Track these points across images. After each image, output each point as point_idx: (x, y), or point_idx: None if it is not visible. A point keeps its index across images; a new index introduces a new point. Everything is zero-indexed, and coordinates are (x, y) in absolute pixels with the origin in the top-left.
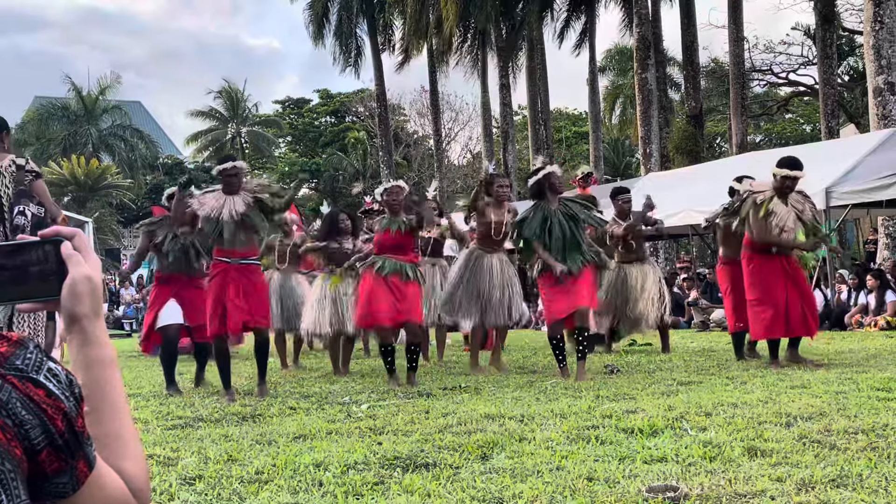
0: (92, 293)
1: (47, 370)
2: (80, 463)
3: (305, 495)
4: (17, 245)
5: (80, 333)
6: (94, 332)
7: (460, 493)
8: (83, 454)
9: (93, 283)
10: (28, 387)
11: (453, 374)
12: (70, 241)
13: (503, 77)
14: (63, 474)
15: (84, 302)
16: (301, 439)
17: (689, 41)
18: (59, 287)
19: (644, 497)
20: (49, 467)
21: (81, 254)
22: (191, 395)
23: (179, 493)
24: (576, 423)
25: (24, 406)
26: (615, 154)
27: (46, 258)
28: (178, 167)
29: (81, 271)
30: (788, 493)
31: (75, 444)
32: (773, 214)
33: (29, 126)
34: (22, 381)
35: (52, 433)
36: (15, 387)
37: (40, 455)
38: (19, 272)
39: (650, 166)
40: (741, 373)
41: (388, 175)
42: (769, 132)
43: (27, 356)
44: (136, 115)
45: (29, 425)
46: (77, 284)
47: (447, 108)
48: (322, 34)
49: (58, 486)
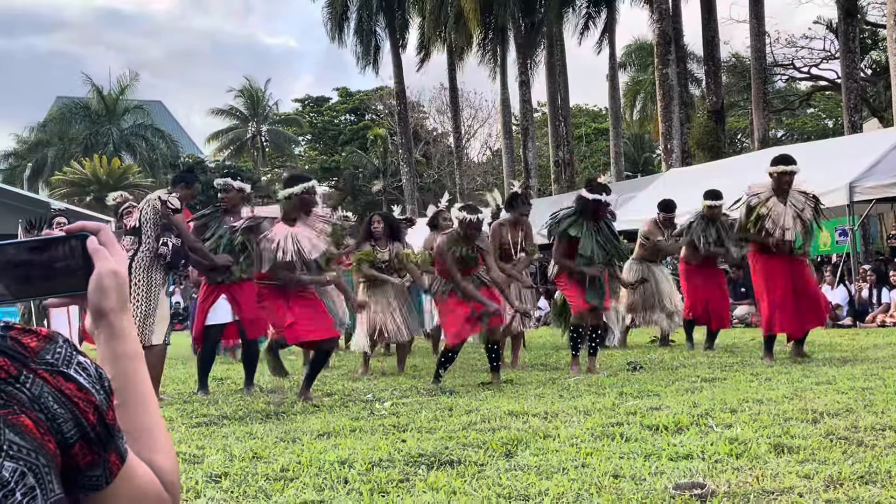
0: (118, 288)
1: (77, 364)
2: (112, 456)
3: (331, 492)
4: (43, 240)
5: (107, 328)
6: (120, 326)
7: (485, 490)
8: (115, 447)
9: (119, 277)
10: (59, 381)
11: (476, 371)
12: (96, 235)
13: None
14: (96, 467)
15: (110, 296)
16: (325, 437)
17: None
18: (86, 282)
19: (671, 494)
20: (82, 460)
21: (107, 248)
22: (215, 394)
23: (205, 490)
24: (600, 420)
25: (55, 400)
26: (635, 150)
27: (73, 253)
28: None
29: (108, 266)
30: (816, 490)
31: (107, 437)
32: (767, 217)
33: (51, 126)
34: (53, 375)
35: (84, 426)
36: (46, 381)
37: (73, 448)
38: (46, 267)
39: (671, 162)
40: (765, 369)
41: (408, 172)
42: (791, 127)
43: (57, 350)
44: (157, 114)
45: (61, 419)
46: (103, 279)
47: (466, 105)
48: (341, 32)
49: (91, 479)
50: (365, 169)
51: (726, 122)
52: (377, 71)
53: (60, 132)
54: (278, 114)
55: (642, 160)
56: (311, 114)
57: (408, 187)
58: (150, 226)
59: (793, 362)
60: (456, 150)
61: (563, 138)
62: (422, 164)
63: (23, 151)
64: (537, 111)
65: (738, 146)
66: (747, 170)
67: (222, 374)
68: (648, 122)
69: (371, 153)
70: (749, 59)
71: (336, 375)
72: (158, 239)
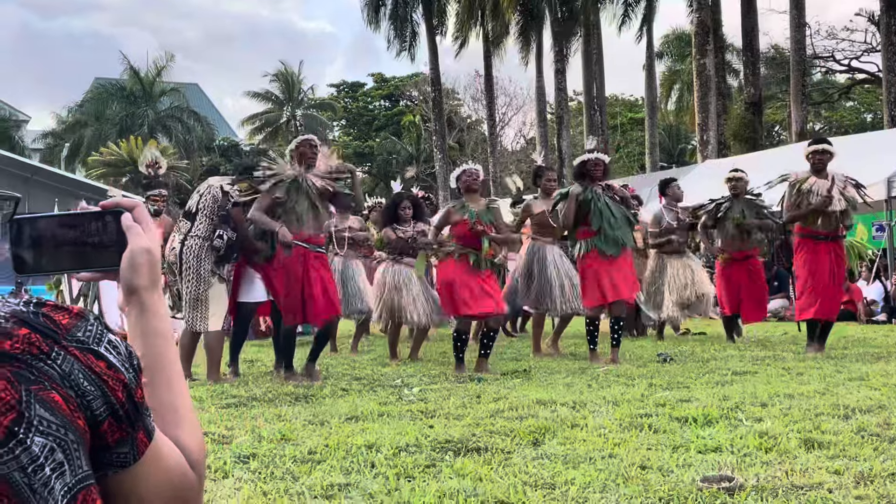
0: (150, 265)
1: (107, 342)
2: (140, 433)
3: (358, 476)
4: (77, 215)
5: (137, 304)
6: (151, 303)
7: (512, 477)
8: (143, 425)
9: (151, 255)
10: (89, 358)
11: (504, 359)
12: (131, 212)
13: (558, 62)
14: (124, 444)
15: (142, 273)
16: (353, 420)
17: (749, 27)
18: (119, 258)
19: (698, 486)
20: (111, 437)
21: (141, 226)
22: (245, 376)
23: (234, 470)
24: (628, 411)
25: (85, 377)
26: (670, 140)
27: (107, 229)
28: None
29: (140, 243)
30: (847, 487)
31: (135, 415)
32: (810, 192)
33: (88, 106)
34: (83, 352)
35: (114, 404)
36: (77, 358)
37: (102, 426)
38: (79, 242)
39: (707, 153)
40: (797, 364)
41: (442, 159)
42: (829, 120)
43: (88, 328)
44: (192, 97)
45: (91, 396)
46: (136, 256)
47: (501, 92)
48: (377, 18)
49: (119, 456)
50: (398, 155)
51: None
52: (413, 57)
53: (97, 113)
54: (313, 98)
55: (677, 151)
56: (346, 99)
57: (441, 174)
58: (207, 214)
59: (825, 357)
60: (490, 137)
61: (599, 127)
62: (455, 152)
63: (61, 131)
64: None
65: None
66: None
67: (252, 356)
68: (685, 113)
69: (405, 139)
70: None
71: (365, 360)
72: (214, 230)
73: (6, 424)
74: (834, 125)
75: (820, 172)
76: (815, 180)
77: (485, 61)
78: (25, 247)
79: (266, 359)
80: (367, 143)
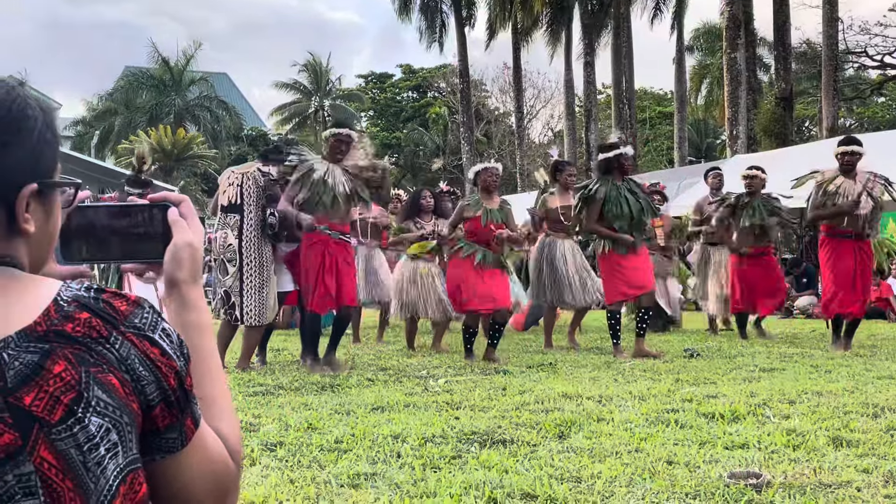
0: (192, 260)
1: (162, 330)
2: (188, 420)
3: (384, 466)
4: (126, 206)
5: (178, 298)
6: (192, 297)
7: (538, 470)
8: (191, 412)
9: (194, 249)
10: (145, 345)
11: (530, 352)
12: (177, 207)
13: (587, 55)
14: (173, 429)
15: (184, 267)
16: (379, 410)
17: (781, 21)
18: (163, 250)
19: (725, 482)
20: (161, 422)
21: (186, 220)
22: (271, 364)
23: (261, 458)
24: (655, 406)
25: (141, 363)
26: (699, 135)
27: (153, 221)
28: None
29: (184, 237)
30: (875, 486)
31: (185, 402)
32: (836, 194)
33: (118, 95)
34: (139, 338)
35: (166, 390)
36: (133, 344)
37: (154, 411)
38: (126, 233)
39: (736, 148)
40: (825, 361)
41: (469, 151)
42: (861, 116)
43: (144, 315)
44: (220, 86)
45: (145, 381)
46: (179, 250)
47: (529, 85)
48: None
49: (168, 441)
50: (425, 147)
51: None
52: (442, 48)
53: (127, 101)
54: (341, 89)
55: (706, 146)
56: (374, 90)
57: (468, 166)
58: (255, 198)
59: (854, 355)
60: (517, 130)
61: (627, 121)
62: (482, 144)
63: (91, 119)
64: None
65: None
66: (814, 158)
67: (279, 345)
68: (714, 108)
69: (432, 131)
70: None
71: (391, 351)
72: (265, 210)
73: (66, 403)
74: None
75: (848, 173)
76: (842, 181)
77: (513, 53)
78: (76, 235)
79: (292, 347)
80: (394, 135)
